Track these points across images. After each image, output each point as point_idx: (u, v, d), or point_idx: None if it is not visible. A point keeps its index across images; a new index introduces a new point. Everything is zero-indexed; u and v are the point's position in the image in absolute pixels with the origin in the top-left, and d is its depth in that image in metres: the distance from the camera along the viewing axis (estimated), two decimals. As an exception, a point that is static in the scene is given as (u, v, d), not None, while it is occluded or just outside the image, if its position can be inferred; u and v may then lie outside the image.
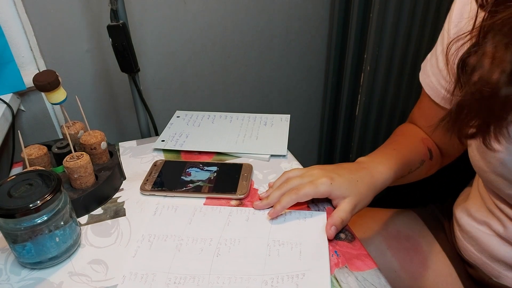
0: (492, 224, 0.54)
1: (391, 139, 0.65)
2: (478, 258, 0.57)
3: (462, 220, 0.59)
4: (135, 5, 0.87)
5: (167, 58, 0.97)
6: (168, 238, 0.50)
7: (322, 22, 1.10)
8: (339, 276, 0.44)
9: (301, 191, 0.51)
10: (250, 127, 0.74)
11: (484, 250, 0.55)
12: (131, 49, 0.74)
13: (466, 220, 0.59)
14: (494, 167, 0.47)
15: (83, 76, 0.90)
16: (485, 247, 0.55)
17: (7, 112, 0.74)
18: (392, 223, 0.70)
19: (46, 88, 0.57)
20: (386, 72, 1.11)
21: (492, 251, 0.54)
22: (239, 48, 1.04)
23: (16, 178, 0.46)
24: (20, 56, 0.81)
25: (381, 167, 0.56)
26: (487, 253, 0.55)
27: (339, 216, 0.50)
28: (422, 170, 0.63)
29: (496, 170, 0.47)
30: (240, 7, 0.98)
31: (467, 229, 0.58)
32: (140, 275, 0.45)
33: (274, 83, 1.15)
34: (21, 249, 0.45)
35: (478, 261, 0.57)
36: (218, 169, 0.62)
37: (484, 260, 0.56)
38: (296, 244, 0.48)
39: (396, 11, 1.01)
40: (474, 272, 0.59)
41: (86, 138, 0.60)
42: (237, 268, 0.45)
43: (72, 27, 0.84)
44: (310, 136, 1.33)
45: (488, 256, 0.55)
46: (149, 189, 0.59)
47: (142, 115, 0.84)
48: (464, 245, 0.59)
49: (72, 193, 0.54)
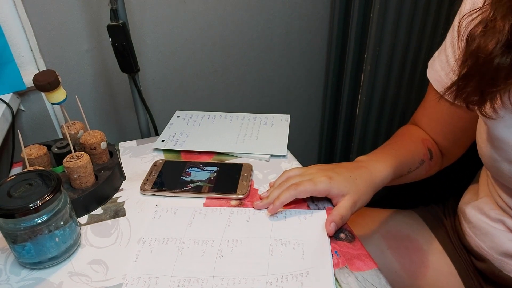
0: (507, 221, 0.54)
1: (391, 140, 0.65)
2: (489, 254, 0.57)
3: (474, 218, 0.59)
4: (135, 5, 0.87)
5: (167, 58, 0.97)
6: (169, 241, 0.49)
7: (322, 22, 1.10)
8: (339, 276, 0.44)
9: (300, 187, 0.51)
10: (250, 127, 0.74)
11: (497, 246, 0.55)
12: (131, 49, 0.74)
13: (479, 217, 0.59)
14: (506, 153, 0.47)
15: (83, 76, 0.90)
16: (499, 243, 0.55)
17: (7, 112, 0.73)
18: (392, 223, 0.70)
19: (46, 88, 0.57)
20: (386, 72, 1.11)
21: (506, 247, 0.54)
22: (239, 48, 1.04)
23: (16, 178, 0.46)
24: (20, 56, 0.81)
25: (379, 165, 0.56)
26: (500, 249, 0.55)
27: (338, 212, 0.50)
28: (421, 170, 0.63)
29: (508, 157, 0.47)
30: (240, 7, 0.98)
31: (480, 225, 0.58)
32: (143, 279, 0.44)
33: (274, 83, 1.15)
34: (21, 249, 0.45)
35: (489, 257, 0.57)
36: (218, 169, 0.62)
37: (496, 256, 0.56)
38: (298, 243, 0.48)
39: (396, 11, 1.01)
40: (483, 266, 0.59)
41: (86, 138, 0.60)
42: (240, 269, 0.45)
43: (72, 27, 0.84)
44: (310, 136, 1.33)
45: (500, 252, 0.55)
46: (149, 189, 0.58)
47: (142, 115, 0.83)
48: (475, 242, 0.59)
49: (72, 193, 0.54)
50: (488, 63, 0.41)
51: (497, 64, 0.40)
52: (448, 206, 0.71)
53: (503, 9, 0.40)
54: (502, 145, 0.47)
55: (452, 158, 0.66)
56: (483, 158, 0.52)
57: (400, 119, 1.23)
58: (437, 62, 0.58)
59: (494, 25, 0.41)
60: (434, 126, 0.63)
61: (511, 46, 0.40)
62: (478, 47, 0.42)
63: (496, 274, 0.57)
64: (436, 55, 0.59)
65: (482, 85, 0.43)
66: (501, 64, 0.40)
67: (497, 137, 0.46)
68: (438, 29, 1.10)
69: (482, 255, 0.59)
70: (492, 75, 0.41)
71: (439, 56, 0.58)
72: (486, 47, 0.41)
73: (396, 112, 1.21)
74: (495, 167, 0.50)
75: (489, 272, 0.58)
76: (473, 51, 0.43)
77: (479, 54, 0.42)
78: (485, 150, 0.50)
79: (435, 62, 0.59)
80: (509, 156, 0.47)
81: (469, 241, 0.61)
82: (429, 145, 0.63)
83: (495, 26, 0.40)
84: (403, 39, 1.06)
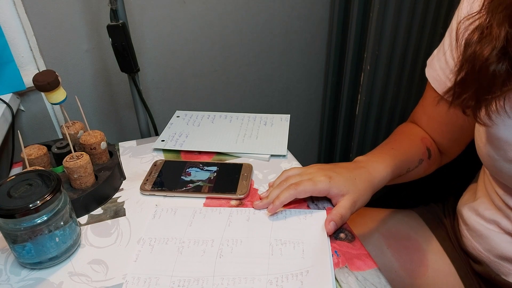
0: (501, 222, 0.54)
1: (390, 139, 0.65)
2: (486, 256, 0.57)
3: (470, 219, 0.59)
4: (135, 5, 0.87)
5: (167, 58, 0.97)
6: (169, 241, 0.49)
7: (322, 22, 1.10)
8: (339, 276, 0.44)
9: (299, 187, 0.51)
10: (250, 127, 0.74)
11: (492, 248, 0.55)
12: (131, 49, 0.74)
13: (474, 218, 0.59)
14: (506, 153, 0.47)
15: (83, 76, 0.90)
16: (494, 245, 0.55)
17: (6, 112, 0.73)
18: (392, 223, 0.71)
19: (46, 88, 0.57)
20: (386, 72, 1.11)
21: (501, 249, 0.54)
22: (239, 48, 1.04)
23: (16, 178, 0.46)
24: (20, 56, 0.81)
25: (378, 165, 0.56)
26: (495, 251, 0.55)
27: (338, 212, 0.50)
28: (420, 169, 0.63)
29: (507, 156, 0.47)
30: (240, 7, 0.98)
31: (476, 227, 0.58)
32: (143, 279, 0.44)
33: (274, 83, 1.15)
34: (21, 249, 0.45)
35: (486, 260, 0.57)
36: (218, 169, 0.62)
37: (493, 259, 0.56)
38: (298, 242, 0.48)
39: (396, 11, 1.01)
40: (480, 268, 0.59)
41: (86, 138, 0.60)
42: (241, 269, 0.45)
43: (72, 27, 0.84)
44: (310, 136, 1.33)
45: (496, 254, 0.55)
46: (149, 189, 0.58)
47: (142, 115, 0.84)
48: (472, 244, 0.59)
49: (72, 193, 0.54)
50: (484, 69, 0.41)
51: (493, 71, 0.41)
52: (448, 205, 0.71)
53: (499, 17, 0.40)
54: (501, 144, 0.47)
55: (450, 156, 0.66)
56: (482, 158, 0.52)
57: (399, 119, 1.23)
58: (436, 62, 0.58)
59: (490, 32, 0.41)
60: (432, 125, 0.63)
61: (507, 53, 0.40)
62: (474, 54, 0.42)
63: (493, 277, 0.57)
64: (435, 53, 0.59)
65: (479, 92, 0.43)
66: (497, 71, 0.40)
67: (496, 136, 0.46)
68: (438, 28, 1.10)
69: (479, 258, 0.59)
70: (489, 82, 0.41)
71: (438, 56, 0.58)
72: (482, 54, 0.41)
73: (395, 112, 1.22)
74: (494, 166, 0.50)
75: (486, 275, 0.58)
76: (469, 58, 0.43)
77: (475, 60, 0.42)
78: (484, 149, 0.50)
79: (434, 61, 0.59)
80: (508, 155, 0.47)
81: (466, 244, 0.61)
82: (427, 144, 0.63)
83: (491, 33, 0.41)
84: (403, 38, 1.06)
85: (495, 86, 0.41)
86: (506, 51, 0.40)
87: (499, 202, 0.54)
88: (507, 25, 0.40)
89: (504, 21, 0.40)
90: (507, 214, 0.53)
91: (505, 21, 0.40)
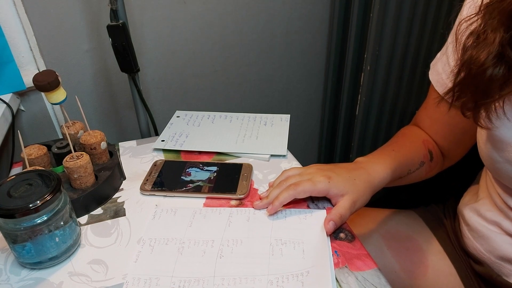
0: (503, 223, 0.54)
1: (391, 141, 0.65)
2: (487, 257, 0.57)
3: (472, 220, 0.59)
4: (135, 5, 0.87)
5: (167, 58, 0.97)
6: (169, 241, 0.49)
7: (322, 22, 1.10)
8: (339, 276, 0.44)
9: (299, 187, 0.51)
10: (250, 127, 0.74)
11: (494, 249, 0.55)
12: (131, 49, 0.74)
13: (476, 219, 0.59)
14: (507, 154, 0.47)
15: (83, 76, 0.90)
16: (496, 246, 0.55)
17: (7, 112, 0.73)
18: (392, 223, 0.70)
19: (46, 88, 0.57)
20: (386, 72, 1.11)
21: (502, 250, 0.54)
22: (239, 48, 1.04)
23: (16, 178, 0.46)
24: (20, 56, 0.81)
25: (378, 166, 0.56)
26: (497, 252, 0.55)
27: (337, 212, 0.50)
28: (421, 172, 0.63)
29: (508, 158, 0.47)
30: (240, 7, 0.98)
31: (477, 228, 0.58)
32: (144, 280, 0.44)
33: (274, 83, 1.15)
34: (21, 249, 0.45)
35: (487, 260, 0.57)
36: (218, 169, 0.62)
37: (494, 260, 0.56)
38: (299, 242, 0.48)
39: (396, 11, 1.01)
40: (481, 269, 0.59)
41: (86, 138, 0.60)
42: (241, 269, 0.45)
43: (72, 27, 0.84)
44: (310, 136, 1.33)
45: (497, 255, 0.55)
46: (149, 189, 0.58)
47: (142, 115, 0.84)
48: (473, 244, 0.59)
49: (72, 193, 0.54)
50: (480, 74, 0.42)
51: (489, 75, 0.41)
52: (448, 206, 0.71)
53: (494, 22, 0.41)
54: (503, 146, 0.47)
55: (453, 159, 0.66)
56: (483, 159, 0.52)
57: (399, 119, 1.23)
58: (439, 64, 0.58)
59: (486, 36, 0.41)
60: (435, 127, 0.63)
61: (503, 57, 0.40)
62: (470, 58, 0.43)
63: (494, 278, 0.57)
64: (438, 56, 0.59)
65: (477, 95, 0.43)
66: (494, 75, 0.41)
67: (498, 138, 0.46)
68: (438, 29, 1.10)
69: (480, 259, 0.58)
70: (485, 86, 0.42)
71: (441, 58, 0.58)
72: (478, 58, 0.41)
73: (395, 112, 1.22)
74: (496, 167, 0.50)
75: (487, 276, 0.58)
76: (466, 62, 0.44)
77: (472, 65, 0.42)
78: (486, 151, 0.50)
79: (437, 63, 0.59)
80: (510, 156, 0.47)
81: (467, 244, 0.61)
82: (429, 146, 0.63)
83: (486, 38, 0.41)
84: (403, 39, 1.06)
85: (493, 90, 0.41)
86: (502, 56, 0.40)
87: (501, 203, 0.54)
88: (502, 30, 0.40)
89: (499, 27, 0.40)
90: (508, 215, 0.53)
91: (500, 26, 0.40)
